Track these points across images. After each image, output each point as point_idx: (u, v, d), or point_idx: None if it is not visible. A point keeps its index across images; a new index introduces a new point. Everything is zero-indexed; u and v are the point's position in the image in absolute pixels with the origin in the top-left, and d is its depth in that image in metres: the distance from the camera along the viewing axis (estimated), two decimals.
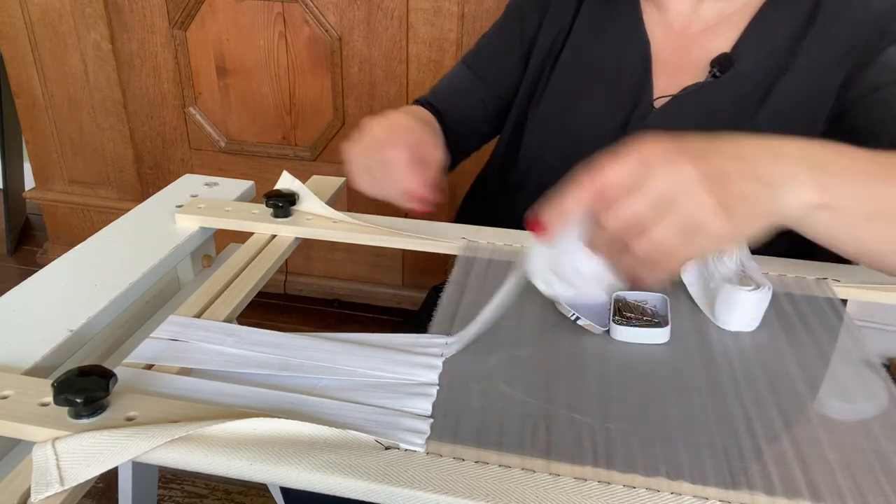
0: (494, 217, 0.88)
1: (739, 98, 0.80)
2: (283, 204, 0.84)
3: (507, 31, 0.97)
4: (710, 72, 0.82)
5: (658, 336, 0.63)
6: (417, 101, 0.98)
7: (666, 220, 0.46)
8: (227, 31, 1.79)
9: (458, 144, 0.96)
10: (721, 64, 0.81)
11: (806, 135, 0.53)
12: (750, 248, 0.73)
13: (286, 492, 0.88)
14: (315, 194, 0.87)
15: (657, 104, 0.84)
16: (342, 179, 1.00)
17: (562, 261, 0.52)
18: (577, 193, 0.48)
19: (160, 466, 0.55)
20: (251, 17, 1.76)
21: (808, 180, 0.49)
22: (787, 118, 0.79)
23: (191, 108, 1.91)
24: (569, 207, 0.48)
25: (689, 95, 0.82)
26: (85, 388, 0.50)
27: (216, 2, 1.75)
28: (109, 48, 1.87)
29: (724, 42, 0.83)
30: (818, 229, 0.52)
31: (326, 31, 1.72)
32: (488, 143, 1.04)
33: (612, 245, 0.49)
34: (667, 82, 0.85)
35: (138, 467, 0.84)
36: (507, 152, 0.97)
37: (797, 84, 0.78)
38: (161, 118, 1.94)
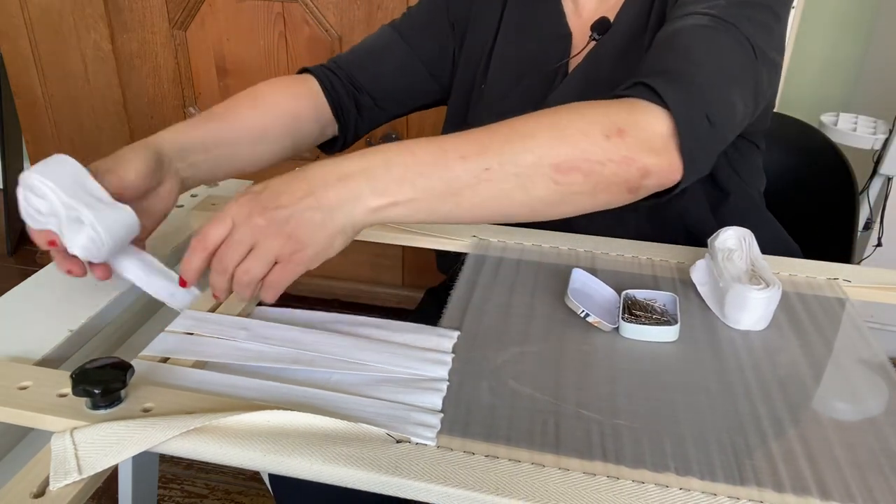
0: None
1: (619, 59, 0.83)
2: None
3: (434, 7, 0.97)
4: (590, 35, 0.85)
5: (667, 334, 0.64)
6: (324, 66, 0.95)
7: (254, 261, 0.58)
8: (227, 31, 1.79)
9: (371, 110, 0.96)
10: (599, 28, 0.85)
11: None
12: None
13: (274, 482, 0.88)
14: None
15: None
16: None
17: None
18: (193, 254, 0.60)
19: (159, 467, 0.54)
20: (251, 17, 1.76)
21: (368, 192, 0.58)
22: None
23: (191, 108, 1.91)
24: (193, 265, 0.60)
25: (581, 65, 0.86)
26: (103, 380, 0.50)
27: (216, 2, 1.76)
28: (109, 48, 1.87)
29: (611, 15, 0.86)
30: (394, 219, 0.60)
31: (326, 31, 1.73)
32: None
33: (223, 279, 0.60)
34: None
35: (139, 467, 0.84)
36: None
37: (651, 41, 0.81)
38: (161, 118, 1.94)
